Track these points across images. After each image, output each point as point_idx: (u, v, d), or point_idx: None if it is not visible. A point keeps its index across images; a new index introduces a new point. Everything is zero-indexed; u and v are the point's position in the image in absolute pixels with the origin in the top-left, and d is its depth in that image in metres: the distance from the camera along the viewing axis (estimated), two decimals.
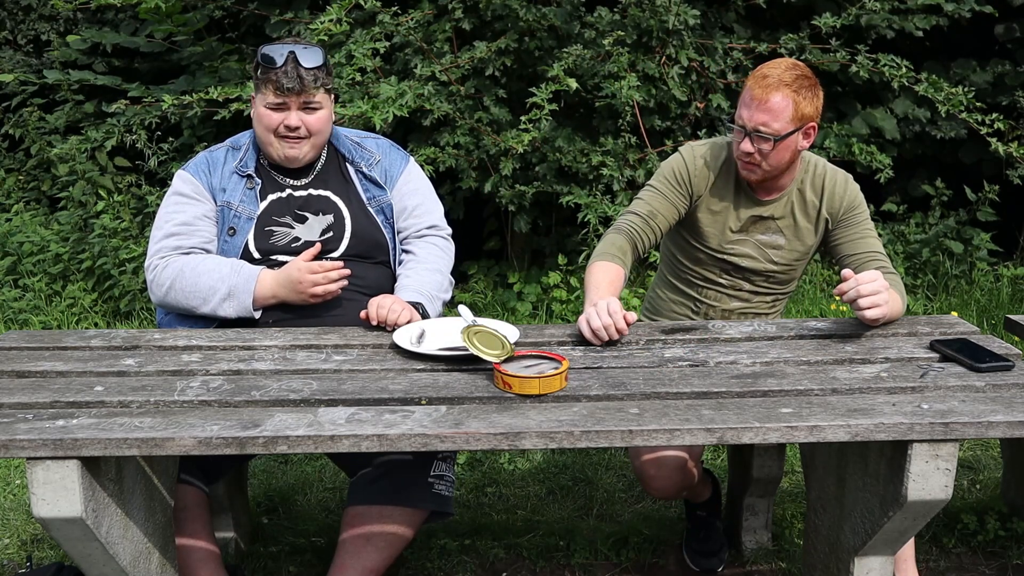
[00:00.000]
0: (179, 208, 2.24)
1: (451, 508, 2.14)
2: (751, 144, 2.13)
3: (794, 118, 2.10)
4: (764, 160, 2.14)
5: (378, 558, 2.05)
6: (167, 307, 2.22)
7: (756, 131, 2.11)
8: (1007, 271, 4.65)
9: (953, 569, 2.46)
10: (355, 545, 2.06)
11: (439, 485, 2.11)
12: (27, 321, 4.34)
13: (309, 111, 2.21)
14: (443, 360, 1.89)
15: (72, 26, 6.34)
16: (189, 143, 5.06)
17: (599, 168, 4.15)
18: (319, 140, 2.26)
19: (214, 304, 2.14)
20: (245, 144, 2.32)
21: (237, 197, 2.25)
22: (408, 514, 2.07)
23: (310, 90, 2.18)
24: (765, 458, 2.38)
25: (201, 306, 2.15)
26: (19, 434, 1.55)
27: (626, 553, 2.52)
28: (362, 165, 2.34)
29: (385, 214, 2.33)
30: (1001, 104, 4.87)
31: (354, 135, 2.41)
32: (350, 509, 2.09)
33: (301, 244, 2.23)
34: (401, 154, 2.42)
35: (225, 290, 2.13)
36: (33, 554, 2.56)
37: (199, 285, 2.14)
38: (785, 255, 2.31)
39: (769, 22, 4.88)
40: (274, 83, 2.16)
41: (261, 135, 2.24)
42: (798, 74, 2.11)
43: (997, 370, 1.83)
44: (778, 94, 2.08)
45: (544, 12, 4.18)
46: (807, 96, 2.11)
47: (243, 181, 2.26)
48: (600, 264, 2.15)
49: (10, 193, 5.47)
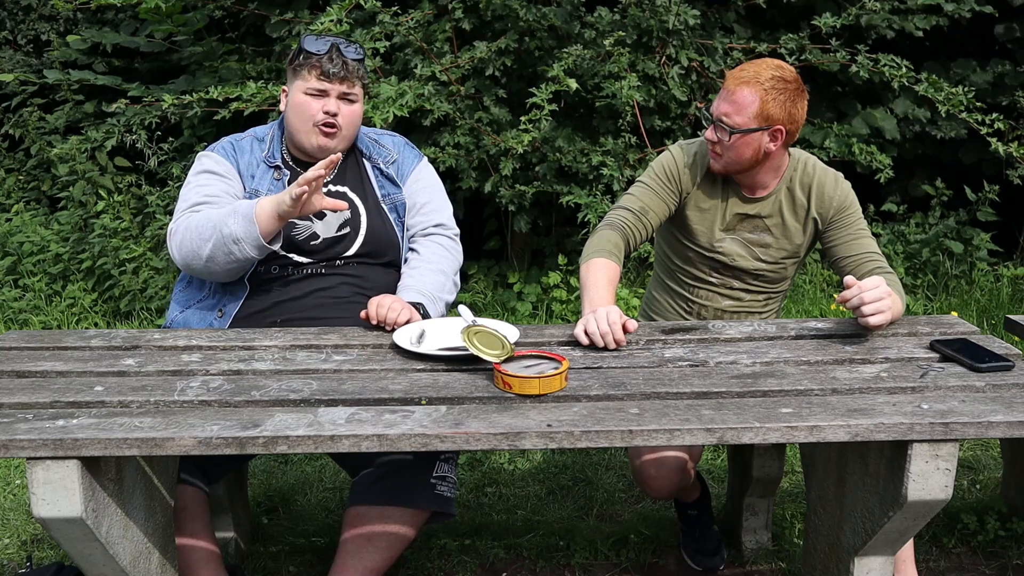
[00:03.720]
0: (208, 182, 2.23)
1: (453, 509, 2.14)
2: (713, 132, 2.15)
3: (758, 116, 2.11)
4: (724, 151, 2.17)
5: (379, 558, 2.06)
6: (186, 263, 2.15)
7: (719, 120, 2.14)
8: (1007, 271, 4.65)
9: (953, 569, 2.46)
10: (356, 545, 2.06)
11: (441, 486, 2.11)
12: (27, 321, 4.34)
13: (347, 102, 2.23)
14: (443, 360, 1.89)
15: (72, 26, 6.34)
16: (189, 143, 5.07)
17: (599, 168, 4.15)
18: (350, 134, 2.28)
19: (223, 221, 2.07)
20: (269, 135, 2.33)
21: (265, 186, 2.25)
22: (410, 515, 2.07)
23: (352, 78, 2.21)
24: (765, 458, 2.38)
25: (213, 236, 2.07)
26: (19, 434, 1.55)
27: (626, 553, 2.52)
28: (379, 161, 2.36)
29: (398, 212, 2.34)
30: (1001, 104, 4.87)
31: (372, 132, 2.43)
32: (352, 509, 2.09)
33: (320, 242, 2.24)
34: (415, 152, 2.44)
35: (230, 209, 2.09)
36: (33, 554, 2.56)
37: (210, 218, 2.11)
38: (773, 253, 2.31)
39: (769, 22, 4.88)
40: (319, 68, 2.19)
41: (297, 124, 2.23)
42: (777, 76, 2.11)
43: (997, 370, 1.83)
44: (746, 88, 2.11)
45: (544, 12, 4.18)
46: (777, 98, 2.11)
47: (271, 171, 2.27)
48: (597, 261, 2.15)
49: (10, 193, 5.48)
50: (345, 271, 2.26)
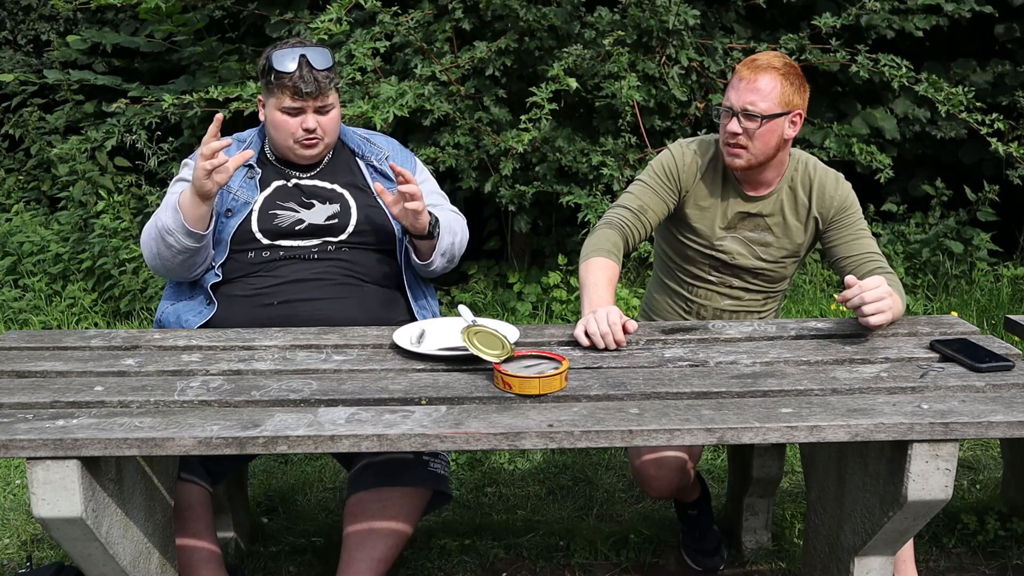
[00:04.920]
0: (179, 190, 2.26)
1: (448, 488, 2.15)
2: (738, 124, 2.15)
3: (781, 102, 2.14)
4: (750, 142, 2.17)
5: (384, 547, 2.05)
6: (152, 267, 2.25)
7: (744, 110, 2.14)
8: (1007, 271, 4.65)
9: (953, 569, 2.46)
10: (359, 537, 2.05)
11: (434, 463, 2.12)
12: (27, 321, 4.34)
13: (323, 113, 2.23)
14: (443, 360, 1.89)
15: (72, 26, 6.33)
16: (189, 143, 5.06)
17: (599, 168, 4.15)
18: (332, 139, 2.30)
19: (158, 215, 2.17)
20: (250, 139, 2.35)
21: (236, 183, 2.27)
22: (409, 496, 2.07)
23: (326, 92, 2.21)
24: (765, 458, 2.38)
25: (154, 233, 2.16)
26: (19, 434, 1.55)
27: (626, 553, 2.52)
28: (372, 159, 2.37)
29: None
30: (1001, 104, 4.87)
31: (362, 132, 2.45)
32: (351, 499, 2.10)
33: (305, 227, 2.24)
34: (408, 154, 2.46)
35: (164, 203, 2.18)
36: (33, 554, 2.56)
37: (154, 217, 2.19)
38: (774, 252, 2.31)
39: (769, 22, 4.88)
40: (291, 88, 2.17)
41: (279, 140, 2.26)
42: (786, 62, 2.19)
43: (997, 370, 1.83)
44: (767, 75, 2.14)
45: (544, 12, 4.18)
46: (794, 83, 2.17)
47: (244, 170, 2.29)
48: (596, 261, 2.15)
49: (10, 193, 5.47)
50: (337, 255, 2.26)
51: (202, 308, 2.21)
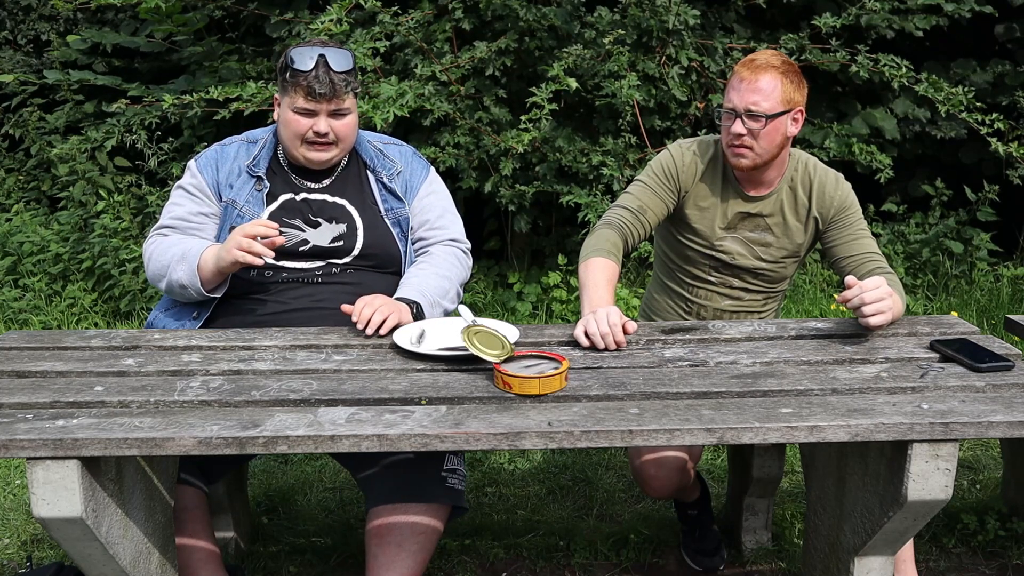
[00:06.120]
0: (180, 201, 2.26)
1: (464, 502, 2.09)
2: (742, 125, 2.15)
3: (783, 100, 2.15)
4: (755, 142, 2.17)
5: (413, 563, 1.98)
6: (153, 284, 2.25)
7: (747, 110, 2.15)
8: (1007, 271, 4.65)
9: (953, 569, 2.46)
10: (388, 557, 1.98)
11: (452, 479, 2.06)
12: (27, 321, 4.34)
13: (338, 117, 2.17)
14: (443, 360, 1.89)
15: (72, 26, 6.34)
16: (189, 143, 5.07)
17: (599, 168, 4.15)
18: (347, 145, 2.24)
19: (173, 265, 2.15)
20: (262, 140, 2.29)
21: (243, 197, 2.22)
22: (432, 511, 2.01)
23: (341, 95, 2.14)
24: (765, 458, 2.38)
25: (166, 276, 2.16)
26: (19, 434, 1.55)
27: (626, 553, 2.52)
28: (383, 175, 2.30)
29: (401, 227, 2.29)
30: (1001, 104, 4.87)
31: (378, 141, 2.37)
32: (372, 511, 2.02)
33: (309, 248, 2.20)
34: (423, 163, 2.38)
35: (180, 253, 2.15)
36: (33, 554, 2.56)
37: (166, 255, 2.17)
38: (774, 252, 2.31)
39: (769, 22, 4.88)
40: (305, 88, 2.12)
41: (288, 140, 2.21)
42: (784, 60, 2.20)
43: (997, 370, 1.83)
44: (767, 75, 2.15)
45: (544, 12, 4.18)
46: (794, 80, 2.18)
47: (252, 181, 2.24)
48: (596, 261, 2.15)
49: (10, 193, 5.47)
50: (341, 279, 2.22)
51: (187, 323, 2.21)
